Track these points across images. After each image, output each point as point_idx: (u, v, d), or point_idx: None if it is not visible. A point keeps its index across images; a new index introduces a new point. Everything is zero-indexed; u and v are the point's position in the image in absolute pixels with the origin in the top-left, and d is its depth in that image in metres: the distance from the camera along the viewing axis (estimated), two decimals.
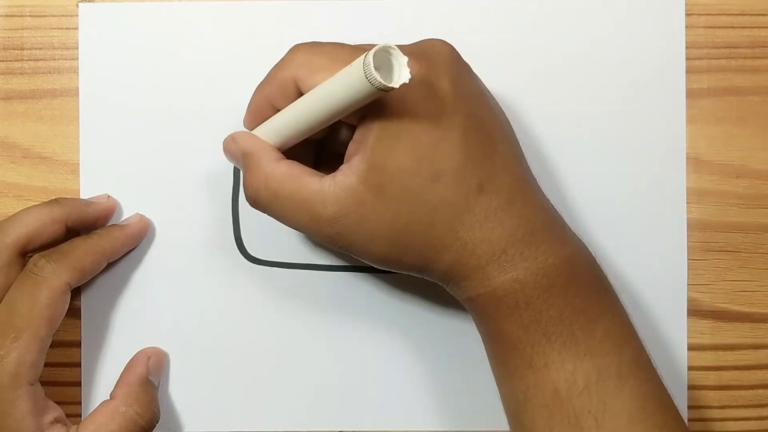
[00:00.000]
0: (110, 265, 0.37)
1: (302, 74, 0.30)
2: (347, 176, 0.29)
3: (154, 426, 0.34)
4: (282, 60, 0.31)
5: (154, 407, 0.35)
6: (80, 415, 0.38)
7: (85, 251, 0.34)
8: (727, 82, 0.37)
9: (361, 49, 0.29)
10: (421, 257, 0.30)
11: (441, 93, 0.29)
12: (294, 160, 0.31)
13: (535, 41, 0.37)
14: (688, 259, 0.38)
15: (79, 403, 0.38)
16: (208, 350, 0.38)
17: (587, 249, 0.32)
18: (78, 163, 0.38)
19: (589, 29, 0.37)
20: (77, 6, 0.38)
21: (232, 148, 0.33)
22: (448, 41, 0.31)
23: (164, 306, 0.38)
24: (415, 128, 0.29)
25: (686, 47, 0.37)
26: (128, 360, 0.37)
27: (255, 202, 0.31)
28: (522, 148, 0.32)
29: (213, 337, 0.38)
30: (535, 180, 0.32)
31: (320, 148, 0.35)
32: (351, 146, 0.30)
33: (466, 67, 0.31)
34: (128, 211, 0.38)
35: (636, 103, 0.37)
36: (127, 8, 0.38)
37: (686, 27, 0.37)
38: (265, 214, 0.31)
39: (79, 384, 0.38)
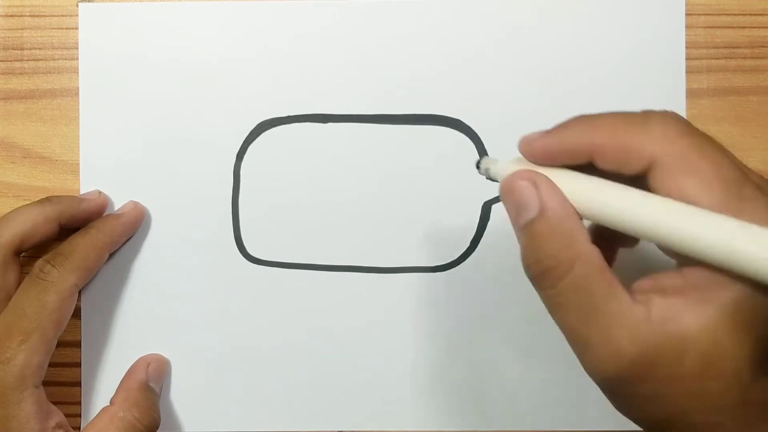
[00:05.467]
0: (110, 266, 0.37)
1: (666, 159, 0.23)
2: (668, 322, 0.23)
3: (154, 430, 0.34)
4: (646, 117, 0.24)
5: (153, 412, 0.35)
6: (80, 415, 0.38)
7: (86, 249, 0.35)
8: (727, 82, 0.37)
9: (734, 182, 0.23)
10: None
11: None
12: None
13: (534, 41, 0.37)
14: None
15: (79, 403, 0.38)
16: (208, 350, 0.38)
17: None
18: (78, 163, 0.38)
19: (589, 29, 0.37)
20: (77, 6, 0.38)
21: (529, 193, 0.25)
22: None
23: (164, 306, 0.38)
24: None
25: (686, 47, 0.37)
26: (128, 360, 0.37)
27: (542, 276, 0.25)
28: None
29: (213, 337, 0.38)
30: None
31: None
32: (674, 279, 0.24)
33: None
34: None
35: (636, 103, 0.37)
36: (127, 8, 0.38)
37: (686, 27, 0.37)
38: (538, 291, 0.25)
39: (79, 384, 0.38)
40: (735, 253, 0.22)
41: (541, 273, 0.25)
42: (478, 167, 0.28)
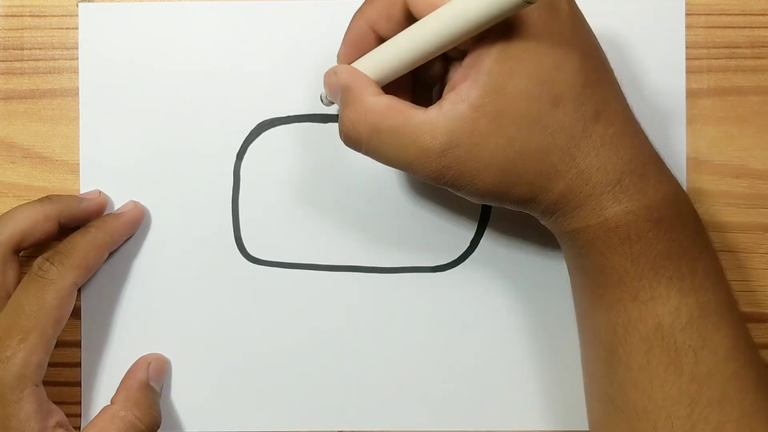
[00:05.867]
0: (110, 265, 0.37)
1: None
2: (456, 104, 0.28)
3: (155, 430, 0.34)
4: None
5: (154, 411, 0.35)
6: (80, 415, 0.38)
7: (86, 248, 0.35)
8: (727, 82, 0.37)
9: None
10: (531, 187, 0.29)
11: (562, 14, 0.29)
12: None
13: None
14: None
15: (79, 403, 0.38)
16: (208, 350, 0.38)
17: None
18: (78, 163, 0.38)
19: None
20: (77, 6, 0.38)
21: (333, 81, 0.32)
22: None
23: (164, 306, 0.38)
24: (538, 49, 0.28)
25: (686, 47, 0.37)
26: (128, 360, 0.37)
27: (351, 138, 0.30)
28: None
29: (213, 337, 0.38)
30: None
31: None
32: (458, 74, 0.29)
33: None
34: None
35: (636, 103, 0.37)
36: (127, 8, 0.38)
37: (686, 27, 0.37)
38: (361, 153, 0.31)
39: (79, 384, 0.38)
40: (467, 17, 0.26)
41: (348, 138, 0.30)
42: (322, 101, 0.35)
